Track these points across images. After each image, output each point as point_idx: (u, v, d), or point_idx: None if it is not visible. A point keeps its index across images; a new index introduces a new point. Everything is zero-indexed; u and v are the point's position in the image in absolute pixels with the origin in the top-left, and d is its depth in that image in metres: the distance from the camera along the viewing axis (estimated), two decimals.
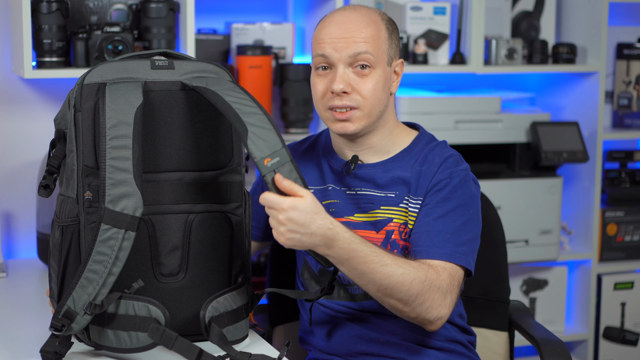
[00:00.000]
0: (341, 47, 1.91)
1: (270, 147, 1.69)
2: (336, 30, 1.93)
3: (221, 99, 1.73)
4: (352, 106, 1.92)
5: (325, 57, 1.93)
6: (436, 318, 1.85)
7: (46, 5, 2.47)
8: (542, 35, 3.20)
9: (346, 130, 1.94)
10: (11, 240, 2.70)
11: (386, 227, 1.96)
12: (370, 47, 1.91)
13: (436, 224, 1.89)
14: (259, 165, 1.68)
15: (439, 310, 1.84)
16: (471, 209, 1.93)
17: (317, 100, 1.96)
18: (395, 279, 1.79)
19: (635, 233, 3.31)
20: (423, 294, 1.81)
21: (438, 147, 2.00)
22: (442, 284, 1.83)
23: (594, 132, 3.15)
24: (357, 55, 1.91)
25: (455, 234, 1.89)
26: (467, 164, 1.99)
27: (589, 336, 3.25)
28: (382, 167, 1.99)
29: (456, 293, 1.88)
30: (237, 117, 1.70)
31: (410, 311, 1.83)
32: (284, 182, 1.68)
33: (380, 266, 1.78)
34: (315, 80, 1.96)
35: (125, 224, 1.68)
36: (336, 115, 1.93)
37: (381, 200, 1.97)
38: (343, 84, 1.91)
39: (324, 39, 1.93)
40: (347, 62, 1.92)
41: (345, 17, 1.94)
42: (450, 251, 1.87)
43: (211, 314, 1.75)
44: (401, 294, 1.80)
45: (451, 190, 1.92)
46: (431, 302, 1.82)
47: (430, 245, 1.88)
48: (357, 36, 1.91)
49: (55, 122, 1.83)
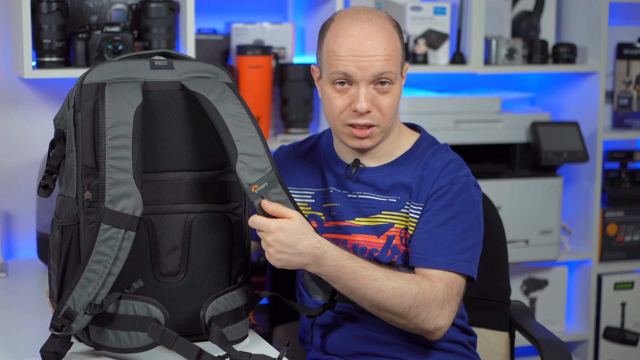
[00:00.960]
0: (365, 66, 1.87)
1: (258, 173, 1.73)
2: (358, 47, 1.88)
3: (216, 112, 1.74)
4: (372, 124, 1.90)
5: (347, 75, 1.88)
6: (435, 328, 1.85)
7: (46, 5, 2.47)
8: (542, 35, 3.20)
9: (364, 146, 1.93)
10: (11, 240, 2.70)
11: (387, 232, 1.95)
12: (392, 65, 1.89)
13: (437, 231, 1.89)
14: (247, 192, 1.72)
15: (436, 321, 1.84)
16: (472, 215, 1.92)
17: (334, 115, 1.92)
18: (386, 293, 1.80)
19: (635, 233, 3.31)
20: (417, 307, 1.82)
21: (439, 151, 1.99)
22: (437, 294, 1.83)
23: (594, 132, 3.15)
24: (381, 74, 1.88)
25: (456, 241, 1.88)
26: (468, 168, 1.98)
27: (589, 336, 3.25)
28: (383, 172, 1.98)
29: (456, 302, 1.87)
30: (229, 138, 1.73)
31: (407, 323, 1.84)
32: (270, 206, 1.74)
33: (371, 281, 1.79)
34: (333, 95, 1.91)
35: (125, 224, 1.68)
36: (356, 133, 1.91)
37: (382, 205, 1.96)
38: (368, 104, 1.88)
39: (345, 56, 1.88)
40: (369, 81, 1.88)
41: (364, 32, 1.89)
42: (450, 260, 1.87)
43: (211, 314, 1.75)
44: (394, 308, 1.81)
45: (452, 196, 1.91)
46: (427, 314, 1.83)
47: (430, 254, 1.88)
48: (380, 54, 1.88)
49: (55, 122, 1.83)
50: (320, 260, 1.77)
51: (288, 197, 1.75)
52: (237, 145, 1.73)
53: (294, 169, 2.09)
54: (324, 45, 1.93)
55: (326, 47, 1.92)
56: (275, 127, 2.95)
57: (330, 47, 1.91)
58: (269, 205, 1.74)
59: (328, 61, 1.91)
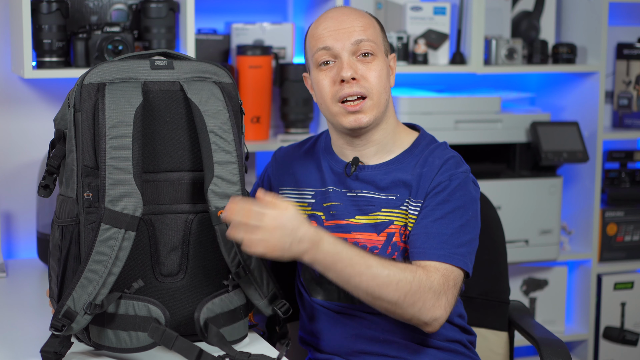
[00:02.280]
0: (342, 36, 1.93)
1: (228, 199, 1.74)
2: (334, 24, 1.95)
3: (204, 127, 1.76)
4: (362, 94, 1.92)
5: (327, 48, 1.93)
6: (431, 319, 1.84)
7: (46, 5, 2.47)
8: (542, 35, 3.20)
9: (360, 123, 1.93)
10: (11, 240, 2.70)
11: (387, 229, 1.95)
12: (370, 35, 1.94)
13: (434, 225, 1.89)
14: (212, 215, 1.75)
15: (432, 311, 1.83)
16: (470, 211, 1.93)
17: (325, 96, 1.95)
18: (381, 280, 1.79)
19: (635, 233, 3.31)
20: (412, 295, 1.81)
21: (438, 148, 2.00)
22: (433, 284, 1.83)
23: (594, 132, 3.15)
24: (360, 42, 1.93)
25: (453, 235, 1.89)
26: (467, 165, 1.99)
27: (589, 336, 3.25)
28: (383, 169, 1.99)
29: (452, 294, 1.87)
30: (209, 157, 1.75)
31: (403, 313, 1.83)
32: (267, 197, 1.71)
33: (366, 268, 1.78)
34: (320, 77, 1.95)
35: (125, 224, 1.69)
36: (348, 108, 1.92)
37: (382, 203, 1.97)
38: (351, 71, 1.91)
39: (323, 33, 1.94)
40: (350, 50, 1.92)
41: (339, 12, 1.98)
42: (447, 252, 1.87)
43: (206, 315, 1.75)
44: (389, 296, 1.80)
45: (450, 192, 1.92)
46: (423, 303, 1.82)
47: (427, 247, 1.88)
48: (355, 25, 1.94)
49: (55, 122, 1.83)
50: (317, 245, 1.75)
51: None
52: (215, 167, 1.75)
53: (293, 170, 2.09)
54: (306, 40, 2.00)
55: (308, 39, 1.99)
56: (275, 127, 2.95)
57: (310, 33, 1.98)
58: (266, 196, 1.71)
59: (311, 47, 1.97)
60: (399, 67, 2.91)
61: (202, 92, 1.79)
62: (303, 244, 1.74)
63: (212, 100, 1.79)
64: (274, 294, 1.84)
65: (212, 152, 1.75)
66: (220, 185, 1.76)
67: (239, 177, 1.77)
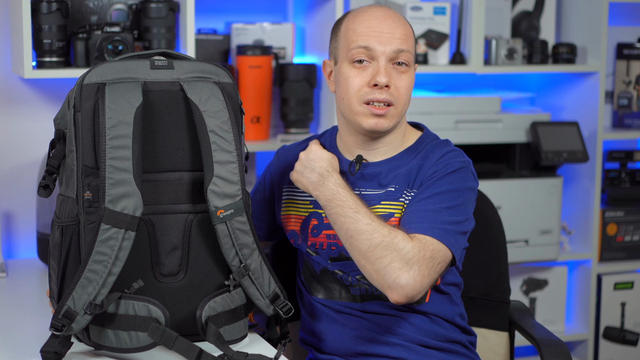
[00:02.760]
0: (386, 41, 1.92)
1: (227, 199, 1.76)
2: (378, 24, 1.94)
3: (204, 127, 1.76)
4: (390, 102, 1.93)
5: (368, 49, 1.93)
6: (394, 283, 1.79)
7: (46, 5, 2.47)
8: (542, 35, 3.20)
9: (380, 127, 1.94)
10: (11, 240, 2.70)
11: (387, 222, 1.94)
12: (409, 46, 1.95)
13: (418, 204, 1.89)
14: (212, 214, 1.75)
15: (398, 274, 1.78)
16: (462, 198, 1.91)
17: (352, 93, 1.94)
18: (360, 226, 1.83)
19: (635, 233, 3.31)
20: (382, 249, 1.80)
21: (440, 144, 2.01)
22: (406, 247, 1.80)
23: (594, 132, 3.15)
24: (400, 52, 1.93)
25: (437, 212, 1.87)
26: (468, 158, 1.98)
27: (589, 336, 3.25)
28: (386, 166, 1.99)
29: (427, 267, 1.80)
30: (209, 157, 1.75)
31: (371, 269, 1.81)
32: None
33: (353, 212, 1.85)
34: (351, 73, 1.95)
35: (125, 224, 1.68)
36: (374, 110, 1.93)
37: (381, 196, 1.97)
38: (387, 77, 1.92)
39: (366, 32, 1.93)
40: (389, 57, 1.93)
41: (383, 13, 1.96)
42: (428, 226, 1.84)
43: (208, 314, 1.75)
44: (362, 244, 1.82)
45: (442, 176, 1.91)
46: (389, 262, 1.79)
47: (408, 222, 1.87)
48: (399, 32, 1.94)
49: (55, 122, 1.83)
50: (324, 180, 1.92)
51: (250, 227, 1.79)
52: (215, 167, 1.75)
53: None
54: (342, 30, 1.98)
55: (345, 30, 1.97)
56: (275, 127, 2.95)
57: (350, 26, 1.96)
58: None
59: (347, 41, 1.96)
60: None
61: (202, 92, 1.79)
62: (313, 174, 1.93)
63: (212, 100, 1.79)
64: (275, 293, 1.84)
65: (212, 151, 1.75)
66: (220, 184, 1.75)
67: (239, 177, 1.77)
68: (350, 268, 1.96)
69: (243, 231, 1.78)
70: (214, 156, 1.75)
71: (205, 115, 1.77)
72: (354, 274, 1.97)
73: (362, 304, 2.00)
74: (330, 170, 1.93)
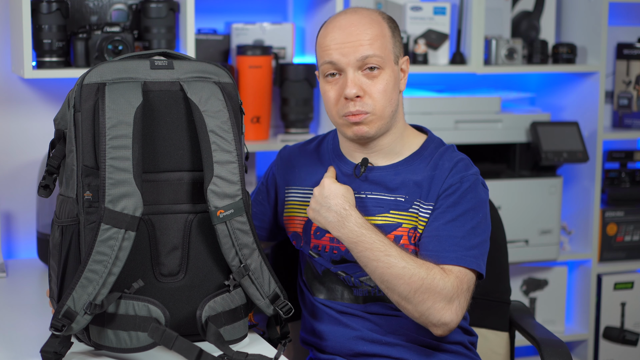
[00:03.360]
0: (348, 51, 1.91)
1: (227, 199, 1.76)
2: (341, 35, 1.92)
3: (204, 127, 1.76)
4: (362, 112, 1.92)
5: (333, 63, 1.92)
6: (439, 322, 1.84)
7: (46, 5, 2.47)
8: (542, 35, 3.20)
9: (362, 134, 1.93)
10: (11, 240, 2.70)
11: (395, 231, 1.95)
12: (376, 48, 1.91)
13: (446, 228, 1.89)
14: (212, 214, 1.75)
15: (442, 314, 1.83)
16: (481, 213, 1.93)
17: (331, 107, 1.96)
18: (395, 270, 1.82)
19: (635, 233, 3.31)
20: (423, 292, 1.82)
21: (448, 151, 2.00)
22: (446, 285, 1.83)
23: (594, 132, 3.15)
24: (365, 58, 1.91)
25: (465, 237, 1.89)
26: (476, 167, 1.99)
27: (589, 336, 3.25)
28: (392, 170, 1.99)
29: (465, 298, 1.87)
30: (209, 157, 1.75)
31: (413, 310, 1.84)
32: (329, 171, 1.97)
33: (384, 255, 1.83)
34: (326, 88, 1.96)
35: (125, 224, 1.68)
36: (350, 119, 1.93)
37: (390, 205, 1.97)
38: (355, 89, 1.90)
39: (330, 45, 1.93)
40: (356, 66, 1.91)
41: (347, 21, 1.94)
42: (460, 255, 1.87)
43: (208, 314, 1.75)
44: (401, 288, 1.82)
45: (461, 194, 1.92)
46: (432, 303, 1.83)
47: (440, 250, 1.88)
48: (362, 39, 1.91)
49: (55, 122, 1.83)
50: (343, 221, 1.87)
51: (250, 227, 1.79)
52: (215, 167, 1.75)
53: (298, 169, 2.09)
54: (316, 45, 1.99)
55: (317, 45, 1.98)
56: (275, 127, 2.95)
57: (319, 41, 1.97)
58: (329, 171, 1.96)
59: (318, 56, 1.97)
60: None
61: (202, 92, 1.79)
62: (331, 214, 1.89)
63: (212, 100, 1.79)
64: (275, 293, 1.84)
65: (212, 151, 1.75)
66: (220, 184, 1.75)
67: (239, 177, 1.77)
68: (354, 270, 1.96)
69: (243, 231, 1.78)
70: (214, 156, 1.75)
71: (205, 115, 1.77)
72: (358, 276, 1.97)
73: (365, 305, 2.00)
74: (347, 207, 1.89)
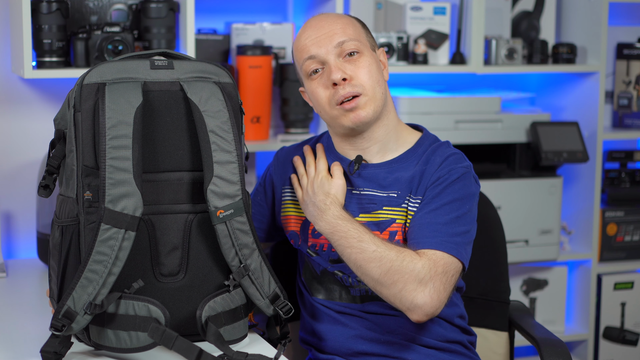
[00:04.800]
0: (324, 42, 1.94)
1: (227, 199, 1.76)
2: (313, 31, 1.96)
3: (204, 127, 1.76)
4: (356, 93, 1.93)
5: (312, 57, 1.95)
6: (412, 304, 1.82)
7: (46, 5, 2.47)
8: (542, 35, 3.20)
9: (360, 118, 1.94)
10: (11, 240, 2.70)
11: (389, 227, 1.96)
12: (350, 34, 1.95)
13: (428, 216, 1.90)
14: (212, 214, 1.76)
15: (414, 295, 1.81)
16: (467, 205, 1.92)
17: (322, 102, 1.96)
18: (367, 255, 1.85)
19: (635, 233, 3.31)
20: (393, 273, 1.82)
21: (441, 147, 2.00)
22: (416, 266, 1.82)
23: (594, 132, 3.15)
24: (342, 43, 1.94)
25: (447, 224, 1.88)
26: (469, 162, 1.99)
27: (589, 336, 3.25)
28: (386, 168, 1.99)
29: (441, 282, 1.83)
30: (209, 157, 1.75)
31: (387, 293, 1.85)
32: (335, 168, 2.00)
33: (357, 242, 1.87)
34: (313, 86, 1.97)
35: (125, 224, 1.68)
36: (345, 106, 1.93)
37: (383, 201, 1.97)
38: (339, 73, 1.92)
39: (305, 43, 1.96)
40: (335, 53, 1.94)
41: (316, 20, 1.99)
42: (439, 240, 1.86)
43: (208, 314, 1.75)
44: (372, 271, 1.84)
45: (448, 185, 1.92)
46: (404, 285, 1.82)
47: (420, 237, 1.88)
48: (334, 28, 1.95)
49: (55, 122, 1.83)
50: (322, 215, 1.93)
51: (250, 228, 1.79)
52: (215, 167, 1.75)
53: (295, 170, 2.09)
54: (294, 54, 2.02)
55: (295, 53, 2.01)
56: (275, 127, 2.95)
57: (295, 46, 2.00)
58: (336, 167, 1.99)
59: (298, 60, 2.00)
60: (399, 67, 2.91)
61: (202, 92, 1.79)
62: (314, 208, 1.95)
63: (212, 100, 1.79)
64: (275, 294, 1.84)
65: (212, 151, 1.75)
66: (220, 184, 1.75)
67: (239, 177, 1.77)
68: (350, 270, 1.96)
69: (243, 231, 1.78)
70: (214, 156, 1.75)
71: (205, 115, 1.77)
72: (354, 275, 1.97)
73: (362, 305, 2.00)
74: (329, 203, 1.94)
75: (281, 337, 1.89)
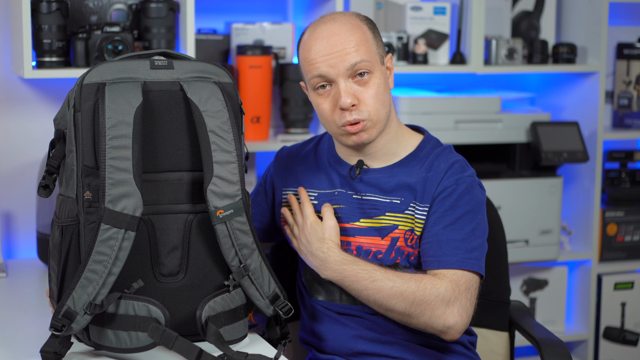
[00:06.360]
0: (336, 62, 1.90)
1: (227, 199, 1.76)
2: (325, 46, 1.91)
3: (204, 127, 1.76)
4: (359, 120, 1.91)
5: (322, 76, 1.91)
6: (444, 327, 1.86)
7: (46, 5, 2.47)
8: (542, 35, 3.20)
9: (362, 141, 1.94)
10: (11, 240, 2.70)
11: (391, 233, 1.96)
12: (363, 54, 1.91)
13: (445, 232, 1.90)
14: (211, 214, 1.75)
15: (443, 319, 1.85)
16: (479, 215, 1.94)
17: (327, 118, 1.94)
18: (386, 292, 1.86)
19: (635, 233, 3.31)
20: (418, 304, 1.85)
21: (444, 152, 2.00)
22: (439, 291, 1.85)
23: (594, 132, 3.15)
24: (354, 65, 1.90)
25: (465, 240, 1.90)
26: (472, 169, 1.99)
27: (589, 336, 3.25)
28: (387, 172, 1.99)
29: (466, 299, 1.87)
30: (209, 157, 1.75)
31: (416, 322, 1.88)
32: (326, 209, 1.98)
33: (371, 282, 1.87)
34: (318, 101, 1.95)
35: (125, 224, 1.68)
36: (349, 130, 1.92)
37: (386, 207, 1.97)
38: (350, 98, 1.90)
39: (316, 59, 1.92)
40: (346, 75, 1.91)
41: (328, 31, 1.92)
42: (461, 258, 1.88)
43: (208, 314, 1.75)
44: (397, 307, 1.86)
45: (458, 197, 1.92)
46: (432, 311, 1.85)
47: (440, 255, 1.89)
48: (348, 47, 1.90)
49: (55, 122, 1.83)
50: (324, 264, 1.92)
51: (250, 228, 1.79)
52: (215, 167, 1.75)
53: (296, 170, 2.09)
54: (300, 58, 1.98)
55: (301, 60, 1.97)
56: (275, 127, 2.95)
57: (303, 55, 1.95)
58: (326, 208, 1.97)
59: (305, 71, 1.96)
60: (399, 67, 2.91)
61: (202, 92, 1.79)
62: (313, 258, 1.95)
63: (212, 100, 1.79)
64: (275, 294, 1.84)
65: (212, 151, 1.75)
66: (220, 185, 1.75)
67: (239, 177, 1.77)
68: None
69: (243, 231, 1.78)
70: (214, 156, 1.75)
71: (205, 115, 1.77)
72: None
73: (363, 306, 2.00)
74: (325, 249, 1.93)
75: (281, 337, 1.89)
